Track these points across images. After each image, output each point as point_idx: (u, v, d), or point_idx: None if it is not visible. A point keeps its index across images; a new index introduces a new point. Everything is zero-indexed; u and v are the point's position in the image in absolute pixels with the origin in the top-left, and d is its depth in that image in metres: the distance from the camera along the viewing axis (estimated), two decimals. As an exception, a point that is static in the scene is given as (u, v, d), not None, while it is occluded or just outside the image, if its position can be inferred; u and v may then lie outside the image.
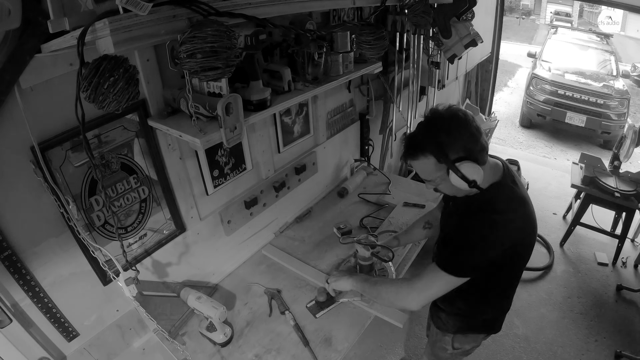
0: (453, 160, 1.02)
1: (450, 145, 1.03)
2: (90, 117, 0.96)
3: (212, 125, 1.08)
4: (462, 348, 1.42)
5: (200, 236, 1.53)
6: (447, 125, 1.04)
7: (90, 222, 1.16)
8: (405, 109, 2.52)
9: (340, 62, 1.48)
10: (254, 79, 1.17)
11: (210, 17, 0.85)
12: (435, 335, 1.48)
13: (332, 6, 1.48)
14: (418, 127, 1.12)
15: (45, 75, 0.92)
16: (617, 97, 5.18)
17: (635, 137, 2.76)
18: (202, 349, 1.35)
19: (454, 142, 1.03)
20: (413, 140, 1.10)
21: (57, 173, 1.04)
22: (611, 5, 3.68)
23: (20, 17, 0.78)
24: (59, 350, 1.20)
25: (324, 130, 2.05)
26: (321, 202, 2.15)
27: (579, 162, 3.11)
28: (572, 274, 2.93)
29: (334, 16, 1.69)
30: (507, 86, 8.15)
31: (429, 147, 1.05)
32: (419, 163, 1.09)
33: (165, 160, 1.31)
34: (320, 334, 1.39)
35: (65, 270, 1.15)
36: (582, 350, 2.31)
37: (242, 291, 1.61)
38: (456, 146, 1.03)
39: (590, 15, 15.25)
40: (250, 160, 1.65)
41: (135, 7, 0.71)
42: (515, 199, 1.11)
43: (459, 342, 1.41)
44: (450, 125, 1.04)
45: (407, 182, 2.37)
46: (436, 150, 1.03)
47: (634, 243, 3.20)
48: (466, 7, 1.94)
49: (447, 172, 1.05)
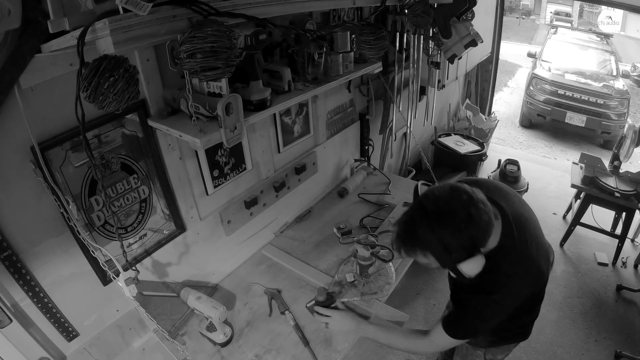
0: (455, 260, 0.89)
1: (455, 244, 0.87)
2: (90, 117, 0.96)
3: (212, 125, 1.08)
4: (495, 358, 1.41)
5: (200, 236, 1.53)
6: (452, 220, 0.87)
7: (90, 222, 1.16)
8: (405, 109, 2.52)
9: (340, 62, 1.48)
10: (254, 79, 1.17)
11: (210, 17, 0.85)
12: (465, 349, 1.45)
13: (332, 6, 1.48)
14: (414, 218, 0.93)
15: (45, 75, 0.92)
16: (617, 97, 5.18)
17: (635, 137, 2.76)
18: (202, 349, 1.35)
19: (459, 240, 0.87)
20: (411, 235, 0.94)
21: (57, 173, 1.04)
22: (611, 5, 3.68)
23: (20, 17, 0.78)
24: (59, 350, 1.20)
25: (324, 130, 2.05)
26: (321, 202, 2.15)
27: (579, 162, 3.11)
28: (572, 274, 2.93)
29: (334, 16, 1.69)
30: (507, 86, 8.15)
31: (430, 248, 0.91)
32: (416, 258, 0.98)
33: (165, 160, 1.31)
34: (320, 334, 1.39)
35: (65, 270, 1.15)
36: (582, 350, 2.31)
37: (242, 291, 1.60)
38: (462, 243, 0.88)
39: (590, 15, 15.25)
40: (250, 160, 1.65)
41: (135, 7, 0.71)
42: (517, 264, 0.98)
43: (492, 353, 1.40)
44: (455, 220, 0.87)
45: (407, 182, 2.37)
46: (439, 252, 0.90)
47: (634, 243, 3.20)
48: (466, 7, 1.94)
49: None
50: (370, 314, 1.42)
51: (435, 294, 2.67)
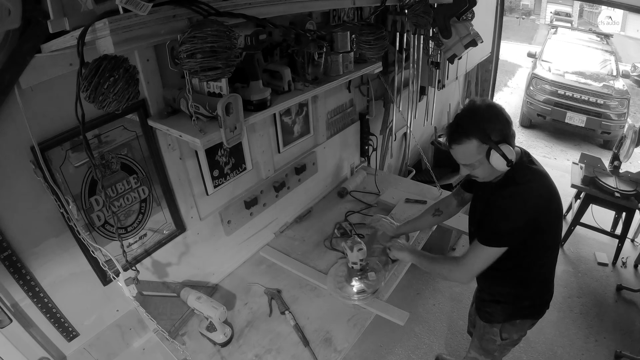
0: (496, 142, 1.16)
1: (491, 130, 1.17)
2: (90, 117, 0.96)
3: (212, 125, 1.08)
4: (510, 338, 1.47)
5: (200, 236, 1.53)
6: (487, 113, 1.20)
7: (90, 222, 1.16)
8: (405, 109, 2.52)
9: (340, 62, 1.48)
10: (254, 79, 1.17)
11: (210, 17, 0.85)
12: (482, 328, 1.53)
13: (332, 6, 1.48)
14: (459, 117, 1.25)
15: (45, 75, 0.92)
16: (617, 97, 5.18)
17: (635, 137, 2.76)
18: (202, 349, 1.35)
19: (494, 128, 1.17)
20: (457, 127, 1.22)
21: (57, 173, 1.04)
22: (611, 5, 3.68)
23: (20, 17, 0.78)
24: (59, 350, 1.20)
25: (324, 130, 2.05)
26: (321, 202, 2.15)
27: (579, 162, 3.11)
28: (572, 274, 2.93)
29: (334, 16, 1.69)
30: (507, 86, 8.14)
31: (472, 132, 1.18)
32: (461, 147, 1.21)
33: (165, 160, 1.31)
34: (320, 334, 1.39)
35: (65, 270, 1.15)
36: (582, 350, 2.31)
37: (242, 291, 1.60)
38: (496, 131, 1.17)
39: (590, 15, 15.25)
40: (250, 160, 1.65)
41: (135, 7, 0.71)
42: (532, 172, 1.24)
43: (507, 331, 1.45)
44: (489, 113, 1.20)
45: (407, 182, 2.37)
46: (480, 134, 1.17)
47: (634, 243, 3.20)
48: (466, 7, 1.94)
49: (486, 155, 1.18)
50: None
51: (435, 293, 2.67)
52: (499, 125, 1.18)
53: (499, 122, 1.19)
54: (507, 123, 1.20)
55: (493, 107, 1.21)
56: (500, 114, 1.20)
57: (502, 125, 1.19)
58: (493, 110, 1.20)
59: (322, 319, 1.45)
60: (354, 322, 1.43)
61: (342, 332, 1.39)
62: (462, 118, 1.24)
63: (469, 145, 1.19)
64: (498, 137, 1.17)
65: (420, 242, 1.83)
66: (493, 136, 1.17)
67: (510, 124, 1.21)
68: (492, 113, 1.20)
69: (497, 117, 1.19)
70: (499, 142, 1.16)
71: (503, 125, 1.19)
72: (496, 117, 1.19)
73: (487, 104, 1.23)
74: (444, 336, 2.38)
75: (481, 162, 1.21)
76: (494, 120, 1.19)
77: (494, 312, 1.46)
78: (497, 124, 1.18)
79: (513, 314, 1.43)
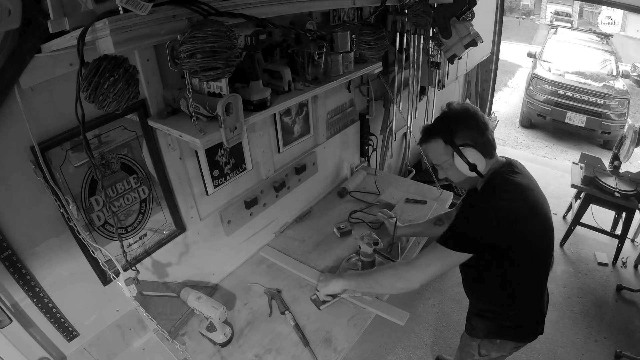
0: (458, 145, 1.16)
1: (458, 132, 1.17)
2: (90, 117, 0.96)
3: (212, 125, 1.08)
4: (489, 355, 1.40)
5: (200, 236, 1.53)
6: (458, 116, 1.20)
7: (90, 222, 1.16)
8: (405, 109, 2.52)
9: (340, 62, 1.48)
10: (254, 79, 1.17)
11: (210, 17, 0.85)
12: (464, 339, 1.49)
13: (332, 6, 1.48)
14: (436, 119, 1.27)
15: (45, 75, 0.92)
16: (617, 97, 5.18)
17: (635, 137, 2.76)
18: (202, 349, 1.35)
19: (461, 131, 1.17)
20: (428, 127, 1.26)
21: (57, 173, 1.04)
22: (611, 5, 3.68)
23: (20, 17, 0.78)
24: (59, 350, 1.20)
25: (324, 130, 2.05)
26: (321, 202, 2.15)
27: (579, 162, 3.11)
28: (572, 274, 2.93)
29: (334, 16, 1.69)
30: (507, 86, 8.15)
31: (439, 132, 1.21)
32: (430, 146, 1.24)
33: (165, 160, 1.31)
34: (320, 334, 1.39)
35: (65, 270, 1.15)
36: (582, 350, 2.31)
37: (242, 291, 1.60)
38: (463, 134, 1.17)
39: (590, 15, 15.25)
40: (250, 160, 1.65)
41: (135, 7, 0.71)
42: (512, 184, 1.17)
43: (486, 348, 1.40)
44: (460, 116, 1.20)
45: (406, 182, 2.37)
46: (445, 135, 1.19)
47: (634, 243, 3.21)
48: (466, 7, 1.94)
49: (452, 156, 1.18)
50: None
51: (435, 294, 2.67)
52: (468, 130, 1.17)
53: (468, 127, 1.18)
54: (479, 129, 1.18)
55: (467, 111, 1.20)
56: (473, 119, 1.18)
57: (471, 130, 1.17)
58: (466, 114, 1.20)
59: (322, 319, 1.45)
60: (354, 322, 1.43)
61: (342, 332, 1.39)
62: (435, 119, 1.27)
63: (435, 145, 1.22)
64: (464, 141, 1.16)
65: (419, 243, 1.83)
66: (458, 138, 1.16)
67: (484, 130, 1.18)
68: (464, 117, 1.19)
69: (468, 121, 1.18)
70: (464, 146, 1.16)
71: (473, 131, 1.17)
72: (466, 120, 1.18)
73: (463, 108, 1.22)
74: (444, 336, 2.38)
75: (450, 164, 1.21)
76: (463, 124, 1.18)
77: (476, 326, 1.41)
78: (465, 128, 1.17)
79: (494, 332, 1.37)
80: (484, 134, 1.18)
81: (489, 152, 1.20)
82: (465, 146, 1.16)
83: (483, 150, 1.17)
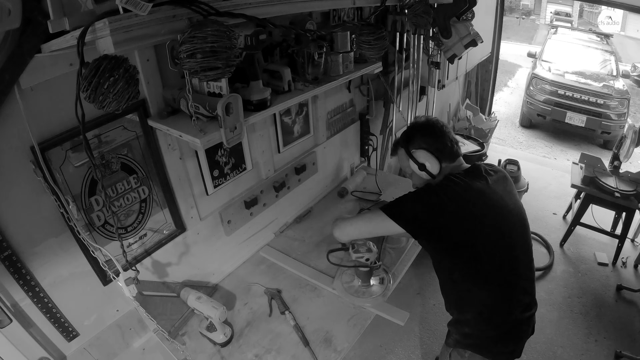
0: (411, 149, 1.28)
1: (414, 139, 1.29)
2: (90, 117, 0.96)
3: (212, 125, 1.08)
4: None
5: (200, 236, 1.53)
6: (417, 126, 1.33)
7: (90, 222, 1.16)
8: (405, 109, 2.52)
9: (340, 62, 1.48)
10: (254, 79, 1.17)
11: (210, 17, 0.85)
12: (442, 348, 1.47)
13: (332, 6, 1.48)
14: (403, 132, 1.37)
15: (45, 75, 0.92)
16: (617, 97, 5.18)
17: (635, 137, 2.76)
18: (202, 349, 1.35)
19: (417, 137, 1.29)
20: (395, 140, 1.40)
21: (57, 173, 1.04)
22: (611, 5, 3.68)
23: (20, 17, 0.78)
24: (59, 350, 1.20)
25: (324, 130, 2.05)
26: (321, 202, 2.15)
27: (579, 162, 3.11)
28: (572, 274, 2.93)
29: (334, 16, 1.69)
30: (507, 86, 8.15)
31: (401, 142, 1.34)
32: (398, 157, 1.36)
33: (165, 160, 1.31)
34: (320, 334, 1.39)
35: (65, 270, 1.15)
36: (582, 350, 2.31)
37: (242, 291, 1.60)
38: (418, 140, 1.28)
39: (590, 15, 15.25)
40: (250, 160, 1.65)
41: (135, 7, 0.71)
42: (455, 184, 1.20)
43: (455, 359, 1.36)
44: (419, 126, 1.33)
45: (407, 181, 2.36)
46: (404, 142, 1.32)
47: (634, 243, 3.20)
48: (466, 7, 1.94)
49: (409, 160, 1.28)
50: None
51: (435, 294, 2.67)
52: (423, 136, 1.28)
53: (423, 134, 1.28)
54: (434, 135, 1.27)
55: (426, 122, 1.32)
56: (430, 127, 1.29)
57: (429, 138, 1.27)
58: (424, 124, 1.31)
59: (322, 319, 1.45)
60: (354, 322, 1.43)
61: (342, 332, 1.39)
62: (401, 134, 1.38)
63: (400, 154, 1.34)
64: (418, 145, 1.26)
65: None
66: (413, 144, 1.28)
67: (439, 137, 1.27)
68: (422, 126, 1.31)
69: (424, 130, 1.29)
70: (417, 149, 1.26)
71: (427, 136, 1.27)
72: (423, 129, 1.30)
73: (424, 120, 1.34)
74: (444, 336, 2.38)
75: (413, 169, 1.30)
76: (421, 132, 1.29)
77: (449, 333, 1.40)
78: (420, 135, 1.28)
79: (458, 340, 1.34)
80: (438, 140, 1.27)
81: (445, 156, 1.27)
82: (419, 149, 1.26)
83: (438, 154, 1.25)
